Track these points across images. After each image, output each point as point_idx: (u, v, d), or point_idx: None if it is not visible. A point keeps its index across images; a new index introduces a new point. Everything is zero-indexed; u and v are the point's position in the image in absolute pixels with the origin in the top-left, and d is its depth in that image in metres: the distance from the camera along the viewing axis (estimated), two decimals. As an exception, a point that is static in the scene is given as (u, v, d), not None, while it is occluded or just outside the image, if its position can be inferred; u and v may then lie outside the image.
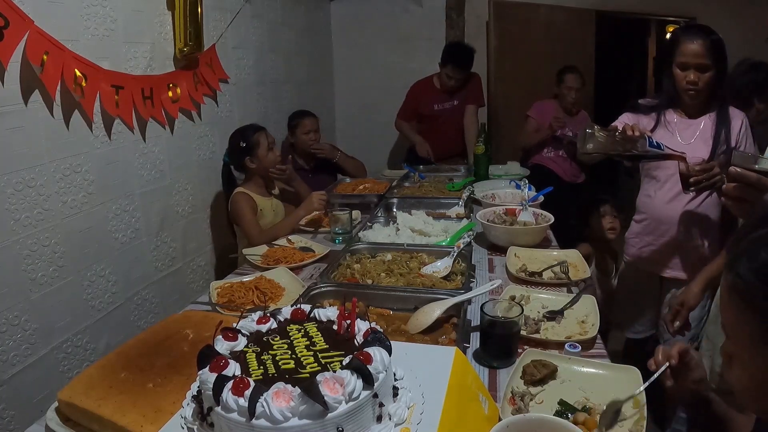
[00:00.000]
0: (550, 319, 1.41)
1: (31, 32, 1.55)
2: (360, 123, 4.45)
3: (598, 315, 1.40)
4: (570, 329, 1.37)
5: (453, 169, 3.15)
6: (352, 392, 0.75)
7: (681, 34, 1.83)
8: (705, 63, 1.75)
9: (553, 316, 1.41)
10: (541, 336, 1.32)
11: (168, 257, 2.34)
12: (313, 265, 1.88)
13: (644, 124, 1.91)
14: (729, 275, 0.67)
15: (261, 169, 2.43)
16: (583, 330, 1.36)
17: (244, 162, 2.42)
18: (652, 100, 2.00)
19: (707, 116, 1.86)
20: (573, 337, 1.31)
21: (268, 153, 2.41)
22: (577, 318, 1.42)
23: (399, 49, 4.31)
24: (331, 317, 0.97)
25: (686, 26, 1.98)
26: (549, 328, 1.37)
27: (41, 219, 1.69)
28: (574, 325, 1.39)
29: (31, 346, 1.68)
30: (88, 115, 1.84)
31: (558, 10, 4.06)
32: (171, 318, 1.30)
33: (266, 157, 2.40)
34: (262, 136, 2.41)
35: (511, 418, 0.87)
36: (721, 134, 1.81)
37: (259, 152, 2.39)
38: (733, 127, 1.82)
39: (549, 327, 1.38)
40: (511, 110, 4.04)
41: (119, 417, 0.93)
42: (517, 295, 1.50)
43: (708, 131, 1.85)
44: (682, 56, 1.78)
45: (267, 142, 2.41)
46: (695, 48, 1.75)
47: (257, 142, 2.39)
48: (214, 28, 2.56)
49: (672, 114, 1.92)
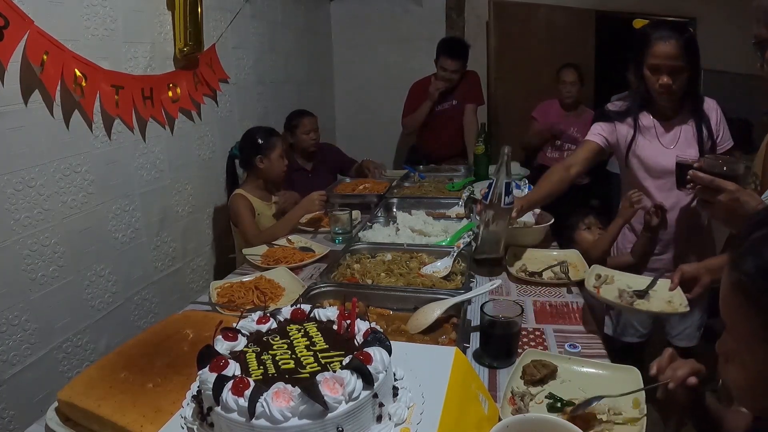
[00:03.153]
0: (640, 297, 1.41)
1: (31, 32, 1.55)
2: (360, 123, 4.45)
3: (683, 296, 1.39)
4: (662, 306, 1.38)
5: (453, 169, 3.15)
6: (352, 392, 0.74)
7: (651, 33, 1.70)
8: (679, 65, 1.65)
9: (641, 294, 1.42)
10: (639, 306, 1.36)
11: (168, 257, 2.34)
12: (313, 265, 1.88)
13: (623, 133, 1.85)
14: (733, 273, 0.67)
15: (266, 173, 2.45)
16: (673, 308, 1.37)
17: (254, 160, 2.43)
18: (622, 104, 1.91)
19: (684, 115, 1.79)
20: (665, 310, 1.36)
21: (279, 159, 2.47)
22: (662, 298, 1.42)
23: (399, 49, 4.32)
24: (331, 317, 0.97)
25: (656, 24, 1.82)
26: (640, 303, 1.39)
27: (41, 219, 1.69)
28: (663, 303, 1.40)
29: (31, 346, 1.68)
30: (88, 115, 1.84)
31: (558, 10, 4.06)
32: (171, 318, 1.30)
33: (277, 161, 2.45)
34: (279, 141, 2.49)
35: (511, 418, 0.87)
36: (703, 134, 1.76)
37: (272, 155, 2.43)
38: (711, 121, 1.77)
39: (640, 303, 1.39)
40: (511, 110, 4.05)
41: (119, 417, 0.93)
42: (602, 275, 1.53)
43: (689, 131, 1.78)
44: (654, 58, 1.67)
45: (281, 149, 2.48)
46: (668, 50, 1.64)
47: (274, 145, 2.45)
48: (214, 28, 2.56)
49: (647, 117, 1.83)
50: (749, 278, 0.65)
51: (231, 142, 2.66)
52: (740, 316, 0.68)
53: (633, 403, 1.01)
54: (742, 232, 0.71)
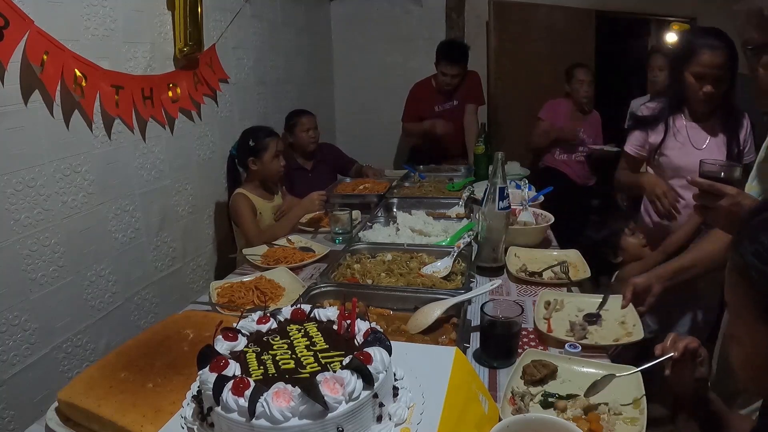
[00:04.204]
0: (591, 323, 1.37)
1: (31, 32, 1.55)
2: (360, 123, 4.45)
3: (636, 315, 1.38)
4: (615, 332, 1.34)
5: (453, 169, 3.15)
6: (352, 392, 0.74)
7: (698, 41, 1.70)
8: (725, 75, 1.66)
9: (594, 320, 1.38)
10: (591, 341, 1.28)
11: (168, 257, 2.34)
12: (313, 265, 1.88)
13: (654, 136, 1.88)
14: (733, 256, 0.71)
15: (261, 174, 2.44)
16: (626, 332, 1.33)
17: (247, 161, 2.42)
18: (655, 105, 1.92)
19: (716, 119, 1.80)
20: (621, 340, 1.29)
21: (273, 159, 2.42)
22: (615, 319, 1.39)
23: (399, 49, 4.32)
24: (331, 317, 0.96)
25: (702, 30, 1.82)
26: (593, 332, 1.34)
27: (41, 219, 1.69)
28: (616, 326, 1.36)
29: (31, 346, 1.68)
30: (88, 115, 1.84)
31: (558, 10, 4.06)
32: (171, 318, 1.30)
33: (270, 162, 2.41)
34: (273, 141, 2.42)
35: (511, 418, 0.87)
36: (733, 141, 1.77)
37: (265, 157, 2.40)
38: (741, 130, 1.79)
39: (593, 331, 1.34)
40: (511, 110, 4.05)
41: (119, 417, 0.93)
42: (551, 300, 1.47)
43: (720, 136, 1.79)
44: (700, 66, 1.67)
45: (276, 149, 2.42)
46: (716, 60, 1.64)
47: (266, 146, 2.40)
48: (214, 28, 2.56)
49: (680, 119, 1.84)
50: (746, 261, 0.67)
51: (231, 142, 2.66)
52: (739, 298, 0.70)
53: (633, 403, 1.02)
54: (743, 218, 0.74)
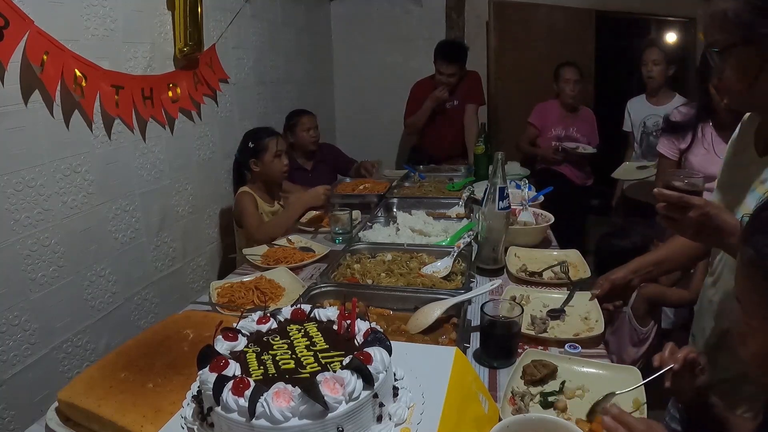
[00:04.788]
0: (554, 318, 1.40)
1: (31, 32, 1.55)
2: (360, 123, 4.45)
3: (600, 311, 1.40)
4: (576, 327, 1.37)
5: (453, 169, 3.15)
6: (352, 392, 0.74)
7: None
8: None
9: (557, 315, 1.41)
10: (549, 335, 1.32)
11: (168, 257, 2.34)
12: (313, 265, 1.88)
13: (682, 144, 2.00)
14: (745, 248, 0.71)
15: (263, 174, 2.44)
16: (588, 327, 1.36)
17: (248, 163, 2.43)
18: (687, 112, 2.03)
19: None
20: (581, 335, 1.31)
21: (274, 159, 2.41)
22: (579, 315, 1.42)
23: (399, 49, 4.32)
24: (331, 317, 0.97)
25: None
26: (555, 326, 1.37)
27: (41, 219, 1.69)
28: (578, 322, 1.39)
29: (31, 346, 1.68)
30: (88, 115, 1.84)
31: (558, 10, 4.06)
32: (171, 318, 1.30)
33: (271, 163, 2.41)
34: (272, 141, 2.41)
35: (511, 418, 0.87)
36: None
37: (265, 157, 2.40)
38: None
39: (554, 325, 1.38)
40: (511, 110, 4.05)
41: (119, 417, 0.93)
42: (517, 296, 1.50)
43: None
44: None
45: (276, 149, 2.41)
46: None
47: (266, 146, 2.39)
48: (214, 28, 2.56)
49: (707, 127, 1.95)
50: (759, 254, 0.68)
51: (231, 142, 2.66)
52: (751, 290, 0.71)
53: (633, 403, 1.02)
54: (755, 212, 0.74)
